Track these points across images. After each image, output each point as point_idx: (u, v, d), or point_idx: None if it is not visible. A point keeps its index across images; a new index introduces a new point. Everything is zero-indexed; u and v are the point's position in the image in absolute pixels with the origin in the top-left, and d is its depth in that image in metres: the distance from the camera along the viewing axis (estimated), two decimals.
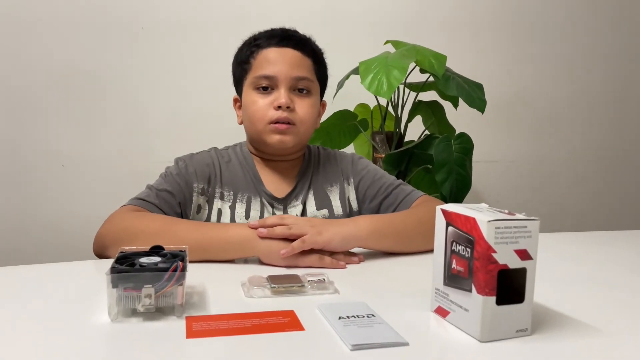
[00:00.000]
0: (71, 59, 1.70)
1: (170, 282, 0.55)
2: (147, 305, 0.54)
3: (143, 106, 1.77)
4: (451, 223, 0.56)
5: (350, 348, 0.49)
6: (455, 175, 1.41)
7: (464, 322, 0.54)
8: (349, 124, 1.63)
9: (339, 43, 1.80)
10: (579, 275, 0.79)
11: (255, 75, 0.98)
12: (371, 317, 0.56)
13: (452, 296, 0.56)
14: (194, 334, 0.52)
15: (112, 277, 0.54)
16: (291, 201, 1.02)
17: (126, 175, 1.73)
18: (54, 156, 1.72)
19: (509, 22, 2.08)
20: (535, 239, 0.53)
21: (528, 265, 0.53)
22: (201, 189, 0.98)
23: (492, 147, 2.10)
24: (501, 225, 0.51)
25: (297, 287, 0.65)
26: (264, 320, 0.56)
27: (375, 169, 1.06)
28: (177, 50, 1.78)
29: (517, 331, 0.53)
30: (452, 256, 0.56)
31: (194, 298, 0.62)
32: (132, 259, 0.59)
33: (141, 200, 0.90)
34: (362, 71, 1.38)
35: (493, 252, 0.51)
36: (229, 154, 1.05)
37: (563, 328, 0.56)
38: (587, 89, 2.20)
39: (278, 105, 0.95)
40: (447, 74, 1.49)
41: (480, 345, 0.51)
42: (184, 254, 0.61)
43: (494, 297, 0.51)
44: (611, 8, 2.17)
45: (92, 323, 0.54)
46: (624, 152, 2.27)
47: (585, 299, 0.68)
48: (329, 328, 0.54)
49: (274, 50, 0.98)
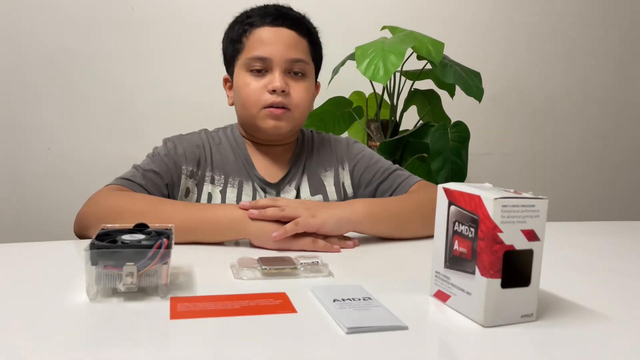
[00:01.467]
0: (58, 39, 1.65)
1: (154, 260, 0.51)
2: (128, 284, 0.51)
3: (132, 88, 1.72)
4: (454, 202, 0.53)
5: (346, 331, 0.46)
6: (450, 164, 1.38)
7: (466, 307, 0.51)
8: (343, 111, 1.59)
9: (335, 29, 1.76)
10: (581, 262, 0.76)
11: (248, 57, 0.93)
12: (367, 300, 0.53)
13: (454, 279, 0.53)
14: (178, 315, 0.48)
15: (92, 253, 0.50)
16: (284, 186, 0.98)
17: (113, 159, 1.68)
18: (40, 139, 1.67)
19: (507, 15, 2.05)
20: (543, 219, 0.50)
21: (535, 247, 0.50)
22: (190, 172, 0.94)
23: (487, 139, 2.07)
24: (508, 203, 0.48)
25: (289, 270, 0.62)
26: (254, 302, 0.52)
27: (371, 154, 1.03)
28: (168, 31, 1.73)
29: (522, 316, 0.50)
30: (454, 237, 0.53)
31: (179, 279, 0.59)
32: (113, 236, 0.55)
33: (126, 180, 0.86)
34: (358, 56, 1.35)
35: (499, 231, 0.48)
36: (220, 136, 1.01)
37: (569, 314, 0.53)
38: (583, 82, 2.18)
39: (272, 89, 0.91)
40: (444, 61, 1.46)
41: (483, 330, 0.48)
42: (169, 231, 0.58)
43: (499, 279, 0.48)
44: (609, 2, 2.15)
45: (69, 303, 0.51)
46: (620, 146, 2.26)
47: (589, 285, 0.65)
48: (323, 311, 0.51)
49: (268, 30, 0.94)
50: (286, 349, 0.43)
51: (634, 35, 2.20)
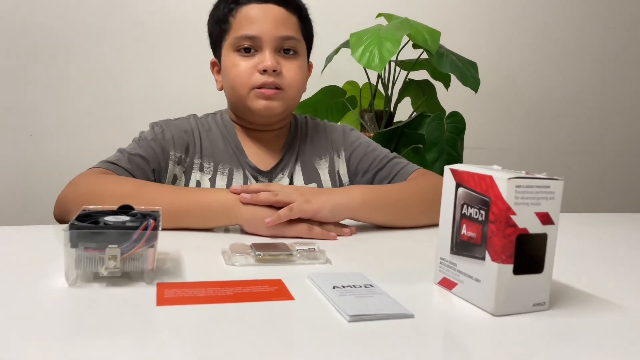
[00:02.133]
0: (41, 19, 1.59)
1: (139, 243, 0.47)
2: (111, 268, 0.47)
3: (117, 75, 1.67)
4: (462, 184, 0.50)
5: (348, 319, 0.42)
6: (446, 155, 1.35)
7: (475, 294, 0.48)
8: (337, 101, 1.56)
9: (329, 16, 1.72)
10: (589, 252, 0.74)
11: (236, 36, 0.89)
12: (369, 287, 0.50)
13: (461, 265, 0.50)
14: (165, 301, 0.44)
15: (71, 234, 0.46)
16: (277, 174, 0.94)
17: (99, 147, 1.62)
18: (22, 124, 1.61)
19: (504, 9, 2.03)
20: (558, 202, 0.47)
21: (549, 231, 0.47)
22: (178, 158, 0.90)
23: (481, 134, 2.05)
24: (522, 183, 0.45)
25: (284, 256, 0.58)
26: (247, 289, 0.49)
27: (367, 141, 0.99)
28: (156, 14, 1.68)
29: (534, 305, 0.47)
30: (462, 220, 0.50)
31: (166, 264, 0.55)
32: (96, 217, 0.51)
33: (111, 164, 0.82)
34: (353, 43, 1.31)
35: (512, 214, 0.45)
36: (209, 122, 0.97)
37: (582, 303, 0.50)
38: (578, 79, 2.17)
39: (263, 69, 0.87)
40: (440, 50, 1.43)
41: (493, 319, 0.45)
42: (156, 213, 0.54)
43: (511, 265, 0.45)
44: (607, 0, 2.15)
45: (47, 288, 0.47)
46: (614, 142, 2.25)
47: (600, 275, 0.62)
48: (322, 298, 0.48)
49: (255, 7, 0.89)
50: (284, 338, 0.39)
51: (630, 33, 2.20)
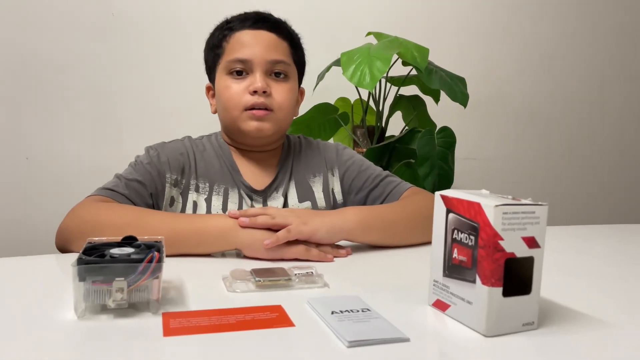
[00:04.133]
0: (34, 46, 1.60)
1: (144, 275, 0.49)
2: (118, 300, 0.49)
3: (112, 97, 1.69)
4: (452, 209, 0.52)
5: (347, 345, 0.44)
6: (437, 169, 1.38)
7: (467, 316, 0.50)
8: (329, 118, 1.59)
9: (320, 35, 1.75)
10: (578, 267, 0.76)
11: (229, 60, 0.92)
12: (366, 311, 0.52)
13: (453, 288, 0.52)
14: (171, 332, 0.46)
15: (79, 268, 0.48)
16: (271, 193, 0.96)
17: (94, 169, 1.63)
18: (17, 149, 1.62)
19: (489, 22, 2.07)
20: (543, 226, 0.49)
21: (536, 254, 0.49)
22: (174, 180, 0.92)
23: (471, 145, 2.08)
24: (509, 210, 0.47)
25: (283, 281, 0.60)
26: (250, 316, 0.51)
27: (361, 160, 1.02)
28: (148, 39, 1.70)
29: (524, 325, 0.49)
30: (453, 245, 0.52)
31: (170, 293, 0.57)
32: (101, 250, 0.53)
33: (109, 190, 0.83)
34: (344, 62, 1.34)
35: (500, 239, 0.47)
36: (204, 143, 0.99)
37: (570, 321, 0.53)
38: (563, 88, 2.21)
39: (254, 90, 0.90)
40: (429, 67, 1.46)
41: (485, 340, 0.47)
42: (159, 244, 0.56)
43: (500, 287, 0.48)
44: (589, 8, 2.19)
45: (56, 321, 0.48)
46: (599, 150, 2.29)
47: (588, 291, 0.65)
48: (321, 323, 0.50)
49: (248, 33, 0.93)
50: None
51: (613, 42, 2.25)
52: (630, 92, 2.30)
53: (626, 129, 2.32)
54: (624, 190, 2.34)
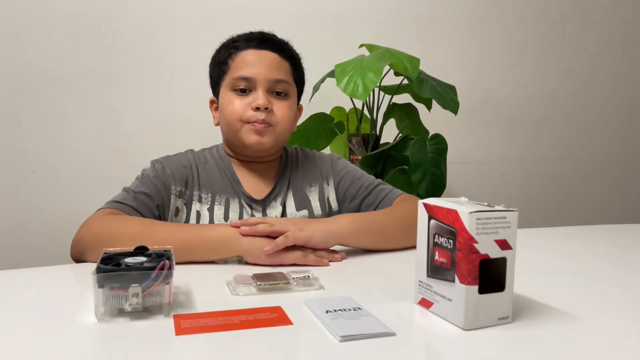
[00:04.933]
0: (42, 63, 1.67)
1: (157, 281, 0.55)
2: (134, 304, 0.54)
3: (115, 111, 1.75)
4: (433, 216, 0.58)
5: (339, 339, 0.50)
6: (430, 175, 1.44)
7: (448, 312, 0.55)
8: (325, 127, 1.64)
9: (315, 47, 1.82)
10: (556, 267, 0.82)
11: (233, 77, 0.98)
12: (357, 310, 0.57)
13: (436, 287, 0.57)
14: (183, 331, 0.52)
15: (98, 276, 0.53)
16: (270, 202, 1.02)
17: (100, 181, 1.70)
18: (25, 163, 1.68)
19: (481, 29, 2.13)
20: (514, 230, 0.55)
21: (508, 255, 0.55)
22: (179, 192, 0.97)
23: (465, 149, 2.15)
24: (482, 216, 0.53)
25: (282, 284, 0.66)
26: (252, 317, 0.56)
27: (354, 169, 1.07)
28: (149, 54, 1.77)
29: (499, 319, 0.55)
30: (434, 248, 0.57)
31: (180, 297, 0.62)
32: (117, 259, 0.58)
33: (118, 203, 0.89)
34: (337, 74, 1.40)
35: (475, 242, 0.53)
36: (206, 155, 1.05)
37: (543, 315, 0.58)
38: (555, 90, 2.27)
39: (256, 107, 0.96)
40: (420, 76, 1.52)
41: (463, 333, 0.53)
42: (169, 253, 0.61)
43: (476, 286, 0.53)
44: (578, 11, 2.25)
45: (79, 324, 0.54)
46: (591, 151, 2.35)
47: (562, 288, 0.70)
48: (317, 321, 0.55)
49: (252, 53, 0.99)
50: (286, 358, 0.47)
51: (603, 44, 2.31)
52: (618, 93, 2.36)
53: (615, 129, 2.38)
54: (616, 190, 2.40)
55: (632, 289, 0.70)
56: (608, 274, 0.78)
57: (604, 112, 2.35)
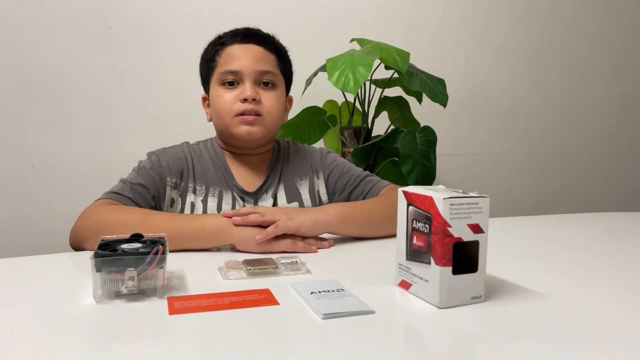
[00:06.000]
0: (39, 59, 1.70)
1: (152, 265, 0.58)
2: (130, 287, 0.58)
3: (111, 106, 1.78)
4: (411, 203, 0.61)
5: (322, 317, 0.54)
6: (420, 166, 1.47)
7: (425, 292, 0.59)
8: (318, 120, 1.68)
9: (307, 41, 1.85)
10: (529, 251, 0.85)
11: (221, 71, 1.02)
12: (341, 291, 0.61)
13: (414, 269, 0.61)
14: (176, 311, 0.55)
15: (96, 261, 0.57)
16: (262, 195, 1.05)
17: (96, 175, 1.74)
18: (23, 157, 1.71)
19: (472, 22, 2.16)
20: (486, 215, 0.58)
21: (480, 238, 0.58)
22: (174, 183, 1.01)
23: (456, 141, 2.18)
24: (455, 202, 0.56)
25: (271, 269, 0.70)
26: (241, 298, 0.60)
27: (343, 162, 1.11)
28: (145, 50, 1.79)
29: (472, 298, 0.59)
30: (413, 233, 0.61)
31: (173, 282, 0.66)
32: (113, 246, 0.62)
33: (115, 194, 0.92)
34: (329, 68, 1.43)
35: (448, 226, 0.56)
36: (200, 148, 1.08)
37: (514, 295, 0.62)
38: (546, 85, 2.30)
39: (244, 98, 0.99)
40: (410, 70, 1.55)
41: (439, 311, 0.57)
42: (163, 240, 0.65)
43: (450, 267, 0.57)
44: (569, 9, 2.28)
45: (79, 306, 0.57)
46: (582, 144, 2.39)
47: (534, 271, 0.74)
48: (302, 302, 0.59)
49: (238, 47, 1.02)
50: (272, 334, 0.51)
51: (594, 38, 2.34)
52: (610, 88, 2.40)
53: (606, 123, 2.42)
54: (606, 184, 2.44)
55: (598, 272, 0.74)
56: (577, 257, 0.82)
57: (595, 106, 2.39)
